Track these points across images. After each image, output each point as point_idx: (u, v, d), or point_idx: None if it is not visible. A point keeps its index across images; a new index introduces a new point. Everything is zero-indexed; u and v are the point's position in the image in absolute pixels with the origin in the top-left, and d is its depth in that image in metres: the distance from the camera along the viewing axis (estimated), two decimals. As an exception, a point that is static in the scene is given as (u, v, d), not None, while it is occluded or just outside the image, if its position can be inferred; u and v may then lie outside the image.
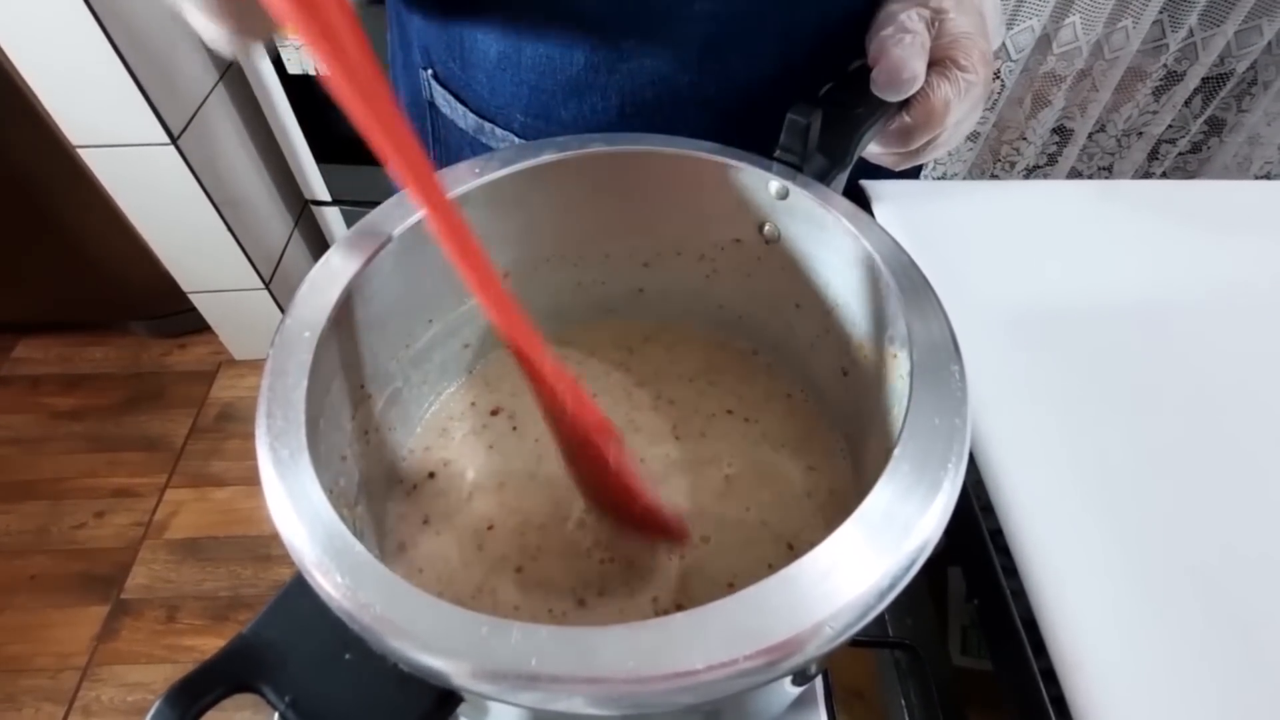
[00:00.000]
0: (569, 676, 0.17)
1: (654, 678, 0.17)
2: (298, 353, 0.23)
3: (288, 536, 0.19)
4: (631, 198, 0.34)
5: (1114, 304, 0.47)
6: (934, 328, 0.25)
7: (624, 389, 0.38)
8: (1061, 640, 0.32)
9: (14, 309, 1.38)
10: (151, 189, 1.09)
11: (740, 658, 0.17)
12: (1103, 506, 0.36)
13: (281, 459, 0.20)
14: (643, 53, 0.39)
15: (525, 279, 0.36)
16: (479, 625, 0.17)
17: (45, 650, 1.08)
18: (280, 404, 0.22)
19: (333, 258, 0.27)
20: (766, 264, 0.35)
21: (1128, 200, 0.56)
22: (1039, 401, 0.41)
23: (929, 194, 0.55)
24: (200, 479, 1.27)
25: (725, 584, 0.30)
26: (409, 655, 0.17)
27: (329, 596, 0.18)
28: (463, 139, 0.48)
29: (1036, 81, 1.25)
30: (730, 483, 0.34)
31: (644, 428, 0.36)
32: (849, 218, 0.29)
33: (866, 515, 0.20)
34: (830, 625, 0.18)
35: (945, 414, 0.22)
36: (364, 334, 0.28)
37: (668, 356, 0.39)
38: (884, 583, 0.18)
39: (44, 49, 0.92)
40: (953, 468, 0.21)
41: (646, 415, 0.37)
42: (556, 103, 0.42)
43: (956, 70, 0.35)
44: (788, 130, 0.30)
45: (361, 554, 0.18)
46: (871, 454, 0.31)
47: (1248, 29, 1.17)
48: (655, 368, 0.39)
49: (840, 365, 0.33)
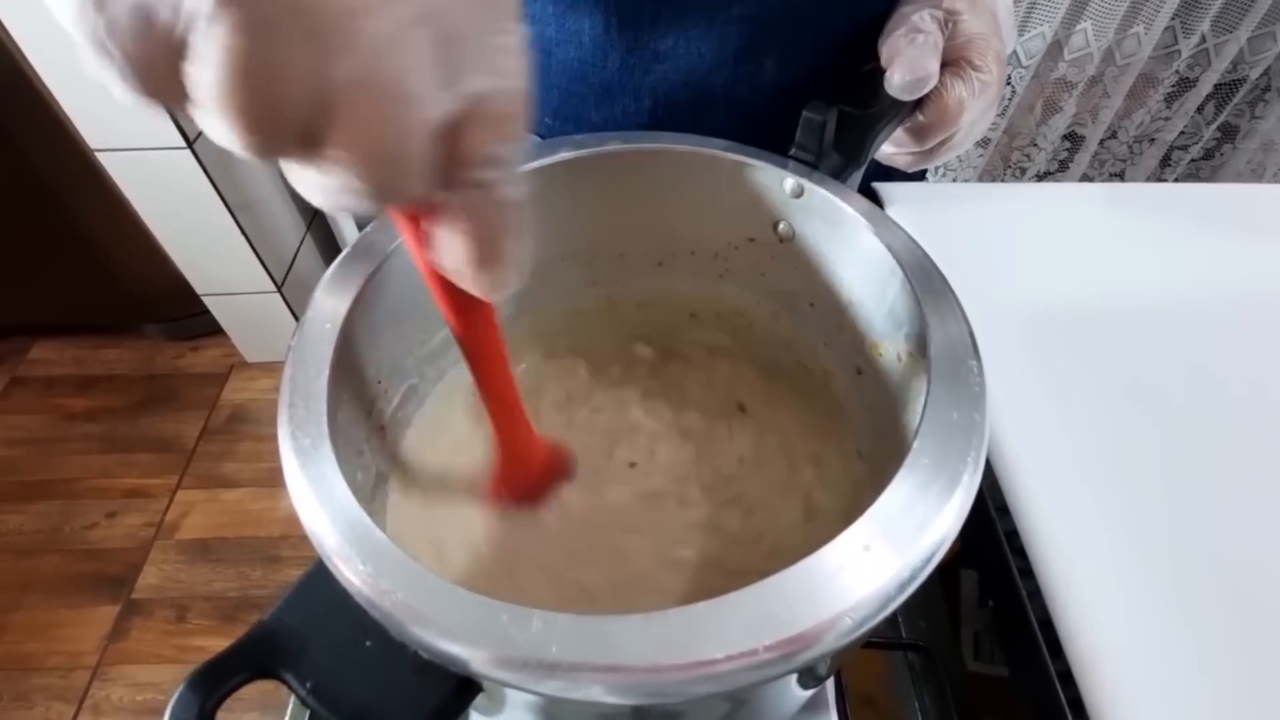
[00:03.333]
0: (588, 665, 0.17)
1: (673, 667, 0.17)
2: (320, 344, 0.23)
3: (309, 524, 0.19)
4: (646, 196, 0.34)
5: (1129, 306, 0.47)
6: (952, 325, 0.25)
7: (636, 387, 0.38)
8: (1079, 641, 0.31)
9: (30, 311, 1.40)
10: (167, 193, 1.10)
11: (760, 648, 0.17)
12: (1118, 506, 0.36)
13: (303, 447, 0.20)
14: (678, 54, 0.39)
15: (538, 278, 0.36)
16: (499, 613, 0.17)
17: (56, 649, 1.09)
18: (302, 394, 0.22)
19: (354, 252, 0.27)
20: (780, 262, 0.35)
21: (1141, 203, 0.55)
22: (1054, 403, 0.41)
23: (942, 196, 0.55)
24: (211, 480, 1.28)
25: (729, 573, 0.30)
26: (429, 642, 0.17)
27: (350, 583, 0.18)
28: None
29: (1048, 88, 1.24)
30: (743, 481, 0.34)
31: (655, 427, 0.36)
32: (865, 215, 0.29)
33: (886, 508, 0.20)
34: (850, 616, 0.18)
35: (964, 409, 0.22)
36: (382, 330, 0.29)
37: (680, 356, 0.39)
38: (904, 574, 0.18)
39: (62, 53, 0.93)
40: (972, 462, 0.21)
41: (658, 414, 0.37)
42: (588, 106, 0.41)
43: (971, 70, 0.35)
44: (803, 128, 0.30)
45: (383, 541, 0.19)
46: (885, 453, 0.31)
47: (1261, 35, 1.17)
48: (668, 367, 0.39)
49: (854, 364, 0.33)
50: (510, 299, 0.36)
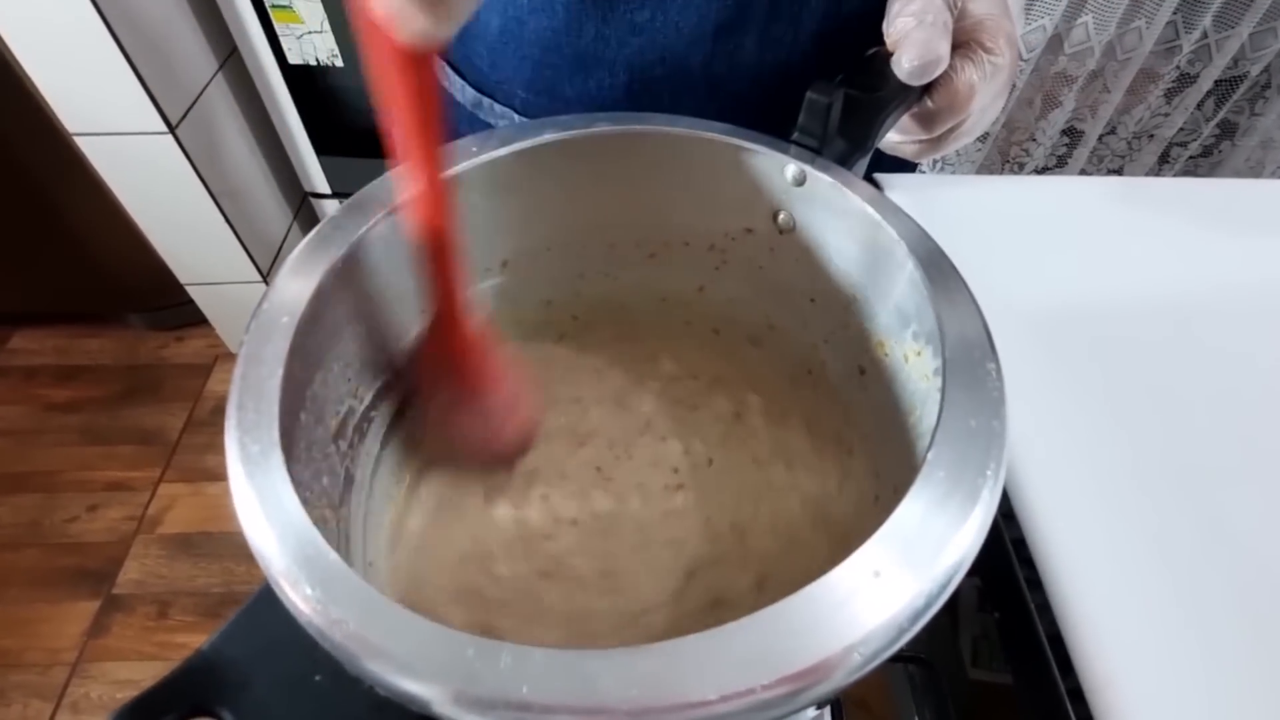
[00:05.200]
0: (565, 706, 0.15)
1: (660, 709, 0.15)
2: (275, 339, 0.21)
3: (254, 541, 0.17)
4: (638, 183, 0.32)
5: (1137, 303, 0.45)
6: (966, 322, 0.23)
7: (627, 384, 0.36)
8: (1091, 657, 0.30)
9: (9, 300, 1.37)
10: (149, 179, 1.08)
11: (758, 687, 0.15)
12: (1133, 513, 0.34)
13: (251, 455, 0.18)
14: (655, 27, 0.38)
15: (525, 269, 0.34)
16: (465, 646, 0.15)
17: (35, 645, 1.07)
18: (253, 394, 0.20)
19: (318, 236, 0.25)
20: (780, 255, 0.33)
21: (1144, 198, 0.54)
22: (1062, 402, 0.39)
23: (942, 186, 0.54)
24: (195, 474, 1.26)
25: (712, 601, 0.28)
26: (385, 678, 0.15)
27: (298, 610, 0.16)
28: (459, 114, 0.46)
29: (1047, 82, 1.23)
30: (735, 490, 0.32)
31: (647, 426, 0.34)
32: (872, 203, 0.27)
33: (898, 528, 0.18)
34: (860, 651, 0.16)
35: (982, 416, 0.20)
36: (352, 322, 0.26)
37: (673, 352, 0.37)
38: (919, 602, 0.17)
39: (41, 35, 0.90)
40: (991, 475, 0.19)
41: (650, 413, 0.35)
42: (561, 78, 0.40)
43: (982, 52, 0.33)
44: (807, 110, 0.28)
45: (335, 563, 0.17)
46: (889, 461, 0.29)
47: (1262, 31, 1.16)
48: (660, 363, 0.37)
49: (858, 364, 0.31)
50: (495, 291, 0.34)
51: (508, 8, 0.39)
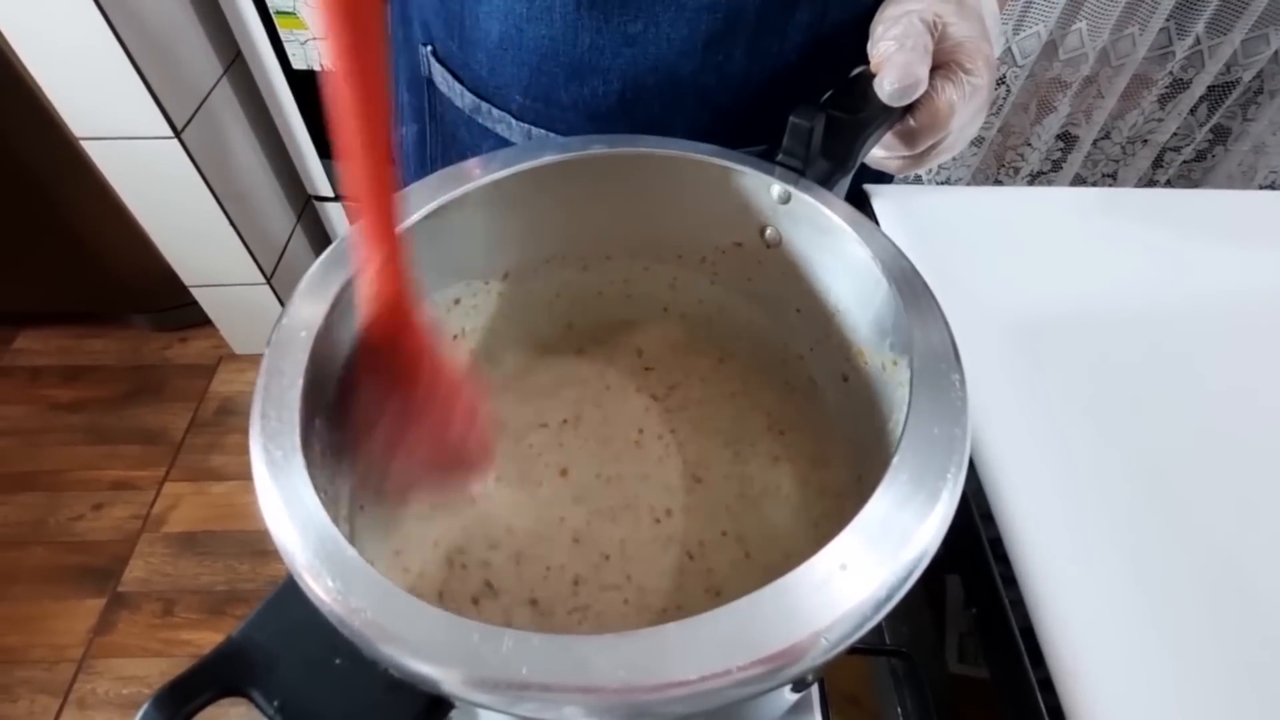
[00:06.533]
0: (561, 685, 0.17)
1: (647, 687, 0.17)
2: (294, 352, 0.23)
3: (279, 538, 0.19)
4: (633, 200, 0.34)
5: (1116, 312, 0.47)
6: (934, 336, 0.25)
7: (620, 390, 0.38)
8: (1059, 649, 0.31)
9: (15, 300, 1.38)
10: (154, 182, 1.09)
11: (734, 668, 0.17)
12: (1103, 515, 0.36)
13: (275, 460, 0.20)
14: (648, 38, 0.39)
15: (525, 280, 0.36)
16: (470, 632, 0.17)
17: (41, 642, 1.08)
18: (275, 404, 0.21)
19: (334, 254, 0.26)
20: (767, 268, 0.34)
21: (1131, 209, 0.56)
22: (1040, 409, 0.41)
23: (931, 197, 0.55)
24: (199, 473, 1.27)
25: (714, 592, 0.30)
26: (399, 661, 0.17)
27: (319, 600, 0.18)
28: (459, 118, 0.48)
29: (1042, 87, 1.24)
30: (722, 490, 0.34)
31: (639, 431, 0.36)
32: (851, 223, 0.29)
33: (864, 525, 0.19)
34: (826, 637, 0.17)
35: (945, 423, 0.22)
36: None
37: (665, 360, 0.39)
38: (881, 593, 0.18)
39: (48, 40, 0.92)
40: (951, 478, 0.20)
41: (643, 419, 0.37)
42: (557, 84, 0.42)
43: (961, 73, 0.35)
44: (790, 134, 0.30)
45: (354, 558, 0.18)
46: (872, 462, 0.30)
47: (1255, 38, 1.17)
48: (651, 371, 0.39)
49: (841, 371, 0.33)
50: (496, 299, 0.36)
51: (507, 16, 0.40)
